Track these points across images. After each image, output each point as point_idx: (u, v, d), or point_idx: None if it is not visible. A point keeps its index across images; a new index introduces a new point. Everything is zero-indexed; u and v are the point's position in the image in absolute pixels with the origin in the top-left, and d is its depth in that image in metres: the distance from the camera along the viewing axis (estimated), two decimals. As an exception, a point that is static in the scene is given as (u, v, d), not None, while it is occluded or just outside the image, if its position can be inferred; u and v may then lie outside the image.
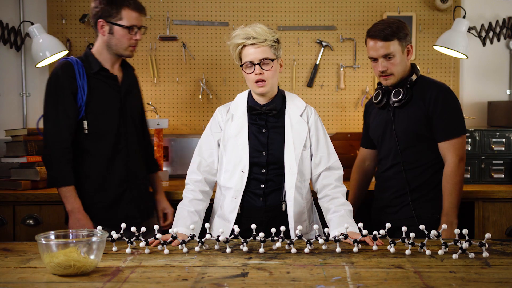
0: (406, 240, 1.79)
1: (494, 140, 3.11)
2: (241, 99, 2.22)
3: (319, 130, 2.21)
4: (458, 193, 2.33)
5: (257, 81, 2.09)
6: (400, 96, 2.37)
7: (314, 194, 2.26)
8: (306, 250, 1.80)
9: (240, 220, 2.13)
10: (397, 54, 2.34)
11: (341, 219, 2.04)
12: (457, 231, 1.73)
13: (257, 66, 2.07)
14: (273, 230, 1.84)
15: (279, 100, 2.19)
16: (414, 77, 2.40)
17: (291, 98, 2.23)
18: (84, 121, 2.38)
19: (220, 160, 2.18)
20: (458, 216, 2.33)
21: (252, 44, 2.07)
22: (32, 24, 3.25)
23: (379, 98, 2.46)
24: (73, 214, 2.35)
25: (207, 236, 1.85)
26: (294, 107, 2.20)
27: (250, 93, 2.21)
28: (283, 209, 2.14)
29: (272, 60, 2.09)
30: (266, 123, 2.17)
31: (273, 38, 2.09)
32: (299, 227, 1.82)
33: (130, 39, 2.40)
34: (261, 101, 2.18)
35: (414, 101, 2.38)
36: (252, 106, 2.17)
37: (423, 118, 2.36)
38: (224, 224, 2.14)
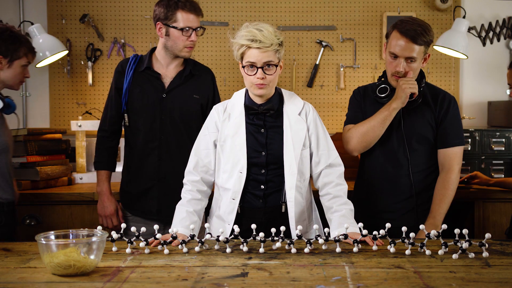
0: (406, 240, 1.79)
1: (494, 140, 3.11)
2: (238, 98, 2.20)
3: (318, 128, 2.19)
4: (450, 200, 2.31)
5: (257, 83, 2.07)
6: (414, 98, 2.30)
7: (314, 192, 2.26)
8: (306, 250, 1.80)
9: (239, 220, 2.12)
10: (418, 60, 2.28)
11: (341, 219, 2.03)
12: (457, 231, 1.73)
13: (259, 70, 2.03)
14: (273, 230, 1.84)
15: (277, 100, 2.17)
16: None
17: (289, 96, 2.21)
18: (125, 114, 2.57)
19: (218, 160, 2.16)
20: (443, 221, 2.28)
21: (257, 48, 2.02)
22: (32, 24, 3.25)
23: (386, 93, 2.37)
24: (100, 196, 2.61)
25: (207, 236, 1.85)
26: (292, 105, 2.19)
27: (247, 91, 2.19)
28: (283, 210, 2.13)
29: (276, 65, 2.07)
30: (264, 122, 2.16)
31: (278, 41, 2.04)
32: (299, 227, 1.82)
33: (185, 41, 2.49)
34: (258, 100, 2.15)
35: (423, 105, 2.36)
36: (249, 105, 2.15)
37: (431, 122, 2.35)
38: (223, 225, 2.13)
